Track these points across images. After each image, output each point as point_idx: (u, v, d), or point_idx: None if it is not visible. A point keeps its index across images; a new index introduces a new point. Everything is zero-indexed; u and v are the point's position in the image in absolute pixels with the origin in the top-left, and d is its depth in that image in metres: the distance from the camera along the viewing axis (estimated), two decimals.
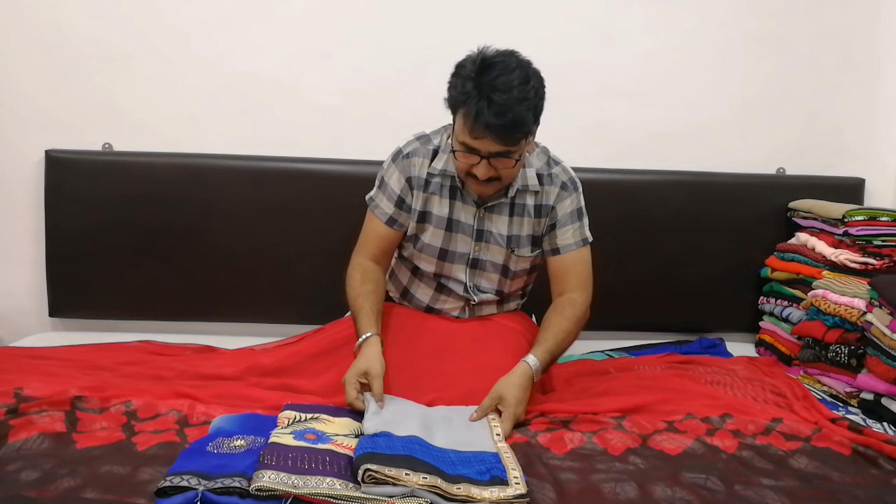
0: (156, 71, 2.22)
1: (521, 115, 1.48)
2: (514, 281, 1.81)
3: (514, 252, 1.76)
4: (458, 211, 1.73)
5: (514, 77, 1.49)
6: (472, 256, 1.76)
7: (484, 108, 1.47)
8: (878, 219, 2.01)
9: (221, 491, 1.16)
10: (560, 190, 1.74)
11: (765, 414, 1.60)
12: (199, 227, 2.20)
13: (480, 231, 1.74)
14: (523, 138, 1.54)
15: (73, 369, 1.71)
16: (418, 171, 1.72)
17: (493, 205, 1.73)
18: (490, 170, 1.56)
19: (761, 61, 2.35)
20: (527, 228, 1.75)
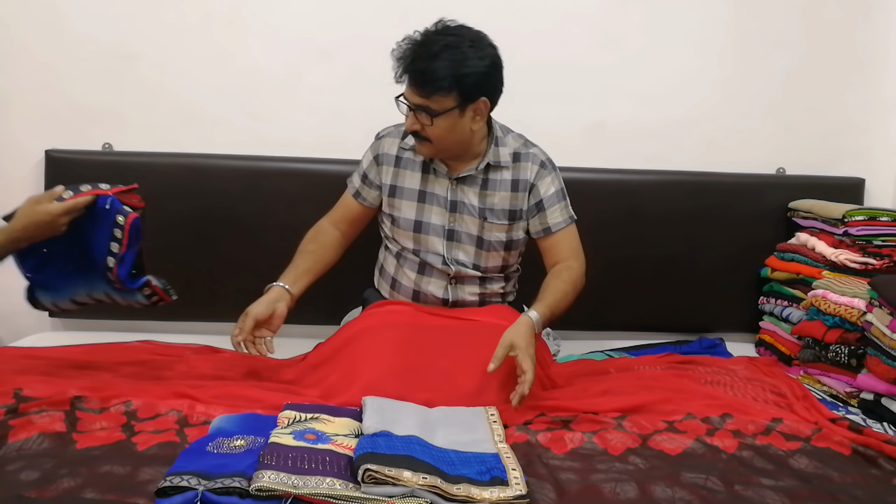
0: (156, 71, 2.22)
1: (437, 68, 1.61)
2: (491, 254, 1.86)
3: (487, 220, 1.82)
4: (430, 184, 1.83)
5: (447, 40, 1.64)
6: (447, 227, 1.83)
7: (409, 56, 1.64)
8: (878, 219, 2.01)
9: (221, 491, 1.16)
10: (539, 168, 1.83)
11: (765, 414, 1.60)
12: (199, 226, 2.20)
13: (454, 202, 1.82)
14: (437, 94, 1.63)
15: (73, 369, 1.71)
16: (387, 149, 1.86)
17: (465, 177, 1.81)
18: (415, 123, 1.69)
19: (761, 61, 2.35)
20: (500, 201, 1.82)
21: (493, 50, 1.70)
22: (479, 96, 1.68)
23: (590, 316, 2.32)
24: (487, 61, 1.67)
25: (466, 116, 1.70)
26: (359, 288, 2.07)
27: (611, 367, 1.97)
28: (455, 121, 1.69)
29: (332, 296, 2.17)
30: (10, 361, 1.72)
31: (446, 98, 1.64)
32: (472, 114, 1.70)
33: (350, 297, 2.10)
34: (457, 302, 1.89)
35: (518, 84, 2.27)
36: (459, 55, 1.63)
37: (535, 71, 2.28)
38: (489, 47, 1.69)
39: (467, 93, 1.66)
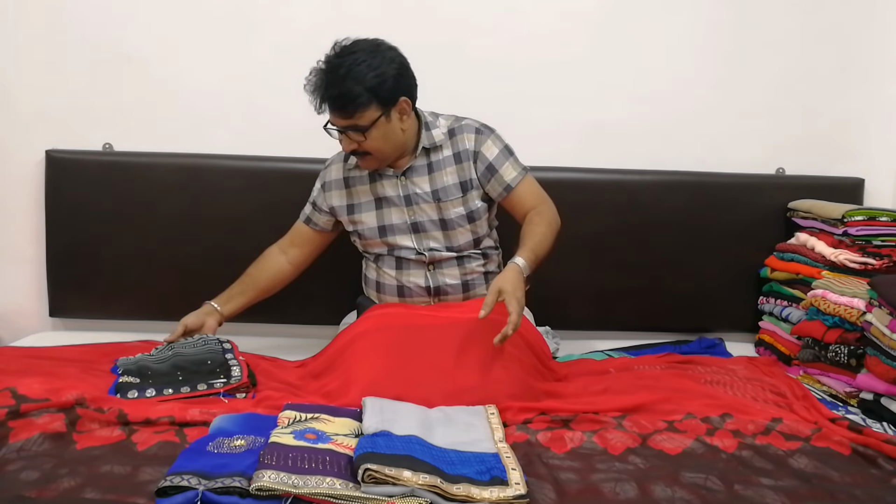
0: (156, 71, 2.22)
1: (350, 88, 1.69)
2: (457, 231, 1.90)
3: (441, 200, 1.88)
4: (382, 188, 1.89)
5: (346, 61, 1.71)
6: (409, 222, 1.89)
7: (320, 87, 1.72)
8: (877, 219, 2.01)
9: (222, 491, 1.16)
10: (476, 135, 1.89)
11: (765, 414, 1.60)
12: (199, 227, 2.20)
13: (407, 196, 1.88)
14: (358, 110, 1.71)
15: (73, 369, 1.71)
16: (333, 175, 1.95)
17: (408, 168, 1.88)
18: (351, 143, 1.77)
19: (761, 61, 2.35)
20: (450, 177, 1.88)
21: (394, 52, 1.77)
22: (398, 97, 1.76)
23: (590, 316, 2.33)
24: (394, 65, 1.74)
25: (394, 120, 1.78)
26: (358, 288, 2.07)
27: (611, 367, 1.97)
28: (385, 128, 1.76)
29: (332, 297, 2.18)
30: (11, 361, 1.72)
31: (368, 111, 1.72)
32: (398, 115, 1.78)
33: (349, 297, 2.11)
34: (439, 287, 1.91)
35: (518, 84, 2.29)
36: (365, 69, 1.70)
37: (535, 71, 2.29)
38: (389, 51, 1.76)
39: (385, 99, 1.73)
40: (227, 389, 1.62)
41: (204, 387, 1.62)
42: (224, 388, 1.62)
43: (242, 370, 1.69)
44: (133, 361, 1.72)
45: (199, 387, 1.62)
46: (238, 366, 1.71)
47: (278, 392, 1.65)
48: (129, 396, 1.56)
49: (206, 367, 1.69)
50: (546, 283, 1.95)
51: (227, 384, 1.64)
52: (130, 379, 1.62)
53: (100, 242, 2.19)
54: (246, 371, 1.69)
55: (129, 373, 1.65)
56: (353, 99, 1.70)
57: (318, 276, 2.22)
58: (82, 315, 2.27)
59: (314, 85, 1.73)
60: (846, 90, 2.38)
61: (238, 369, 1.70)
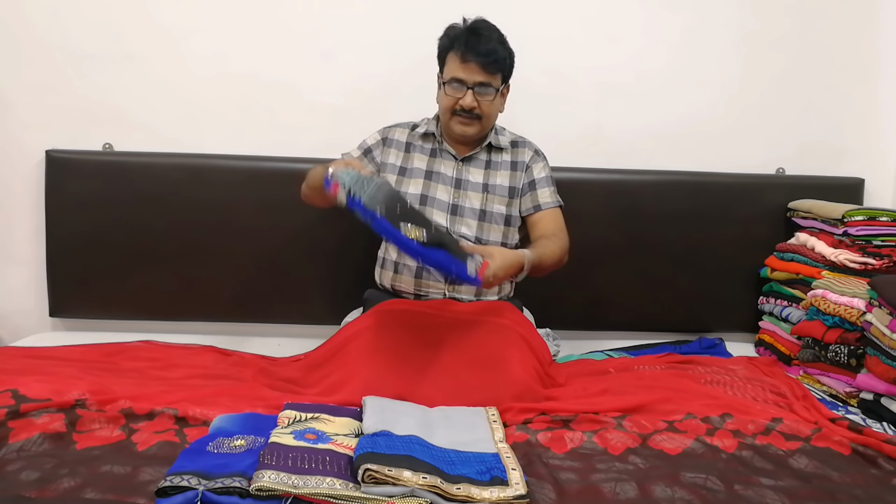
0: (156, 71, 2.22)
1: (500, 49, 1.84)
2: (492, 226, 1.94)
3: (489, 193, 1.95)
4: (437, 165, 1.97)
5: (494, 28, 1.87)
6: (451, 203, 1.93)
7: (473, 39, 1.83)
8: (877, 219, 2.01)
9: (222, 491, 1.16)
10: (534, 153, 2.02)
11: (765, 414, 1.60)
12: (200, 227, 2.20)
13: (459, 180, 1.95)
14: (498, 72, 1.85)
15: (73, 369, 1.70)
16: (397, 136, 2.01)
17: (470, 157, 1.96)
18: (474, 100, 1.85)
19: (761, 61, 2.35)
20: (501, 179, 1.97)
21: None
22: (508, 81, 1.92)
23: (590, 316, 2.33)
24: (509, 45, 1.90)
25: (500, 98, 1.92)
26: (359, 288, 2.07)
27: (611, 367, 1.97)
28: (498, 100, 1.90)
29: (332, 296, 2.18)
30: (11, 361, 1.72)
31: (498, 77, 1.87)
32: (501, 97, 1.93)
33: (350, 297, 2.11)
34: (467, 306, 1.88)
35: (518, 84, 2.28)
36: (505, 41, 1.88)
37: (536, 71, 2.28)
38: None
39: (506, 76, 1.90)
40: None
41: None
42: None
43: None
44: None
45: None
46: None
47: (278, 391, 1.65)
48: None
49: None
50: (546, 284, 1.95)
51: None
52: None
53: (100, 243, 2.19)
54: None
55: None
56: (501, 59, 1.85)
57: (319, 275, 2.23)
58: (82, 315, 2.27)
59: (463, 37, 1.83)
60: (846, 90, 2.38)
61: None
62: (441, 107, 1.93)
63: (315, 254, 2.22)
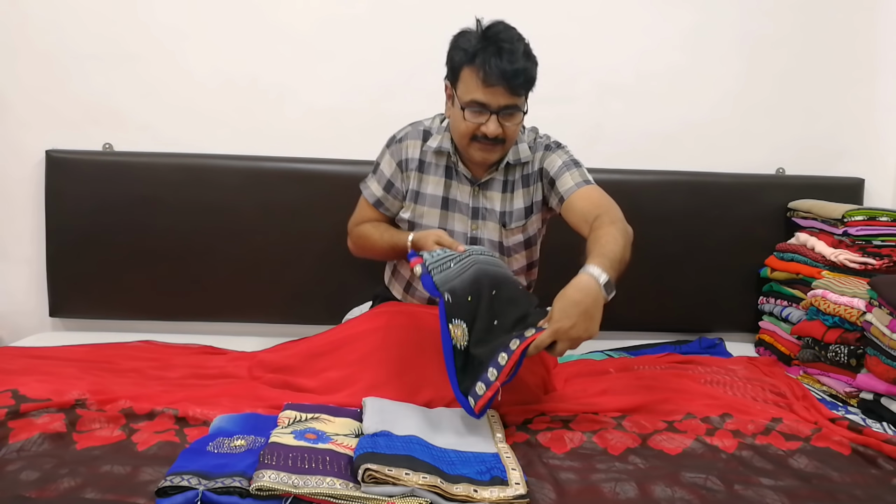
0: (156, 71, 2.22)
1: (529, 66, 1.59)
2: (512, 258, 1.85)
3: (506, 227, 1.81)
4: (453, 190, 1.79)
5: (515, 34, 1.62)
6: (469, 235, 1.80)
7: (496, 57, 1.56)
8: (877, 219, 2.01)
9: (222, 491, 1.16)
10: (544, 151, 1.80)
11: (765, 414, 1.60)
12: (200, 227, 2.20)
13: (476, 209, 1.80)
14: (528, 91, 1.64)
15: (73, 369, 1.70)
16: (410, 153, 1.80)
17: (487, 180, 1.79)
18: (499, 127, 1.62)
19: (761, 61, 2.35)
20: (519, 201, 1.81)
21: None
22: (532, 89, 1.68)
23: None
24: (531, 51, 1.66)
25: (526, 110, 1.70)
26: (360, 287, 2.07)
27: (610, 367, 1.97)
28: (522, 118, 1.69)
29: (333, 296, 2.18)
30: (11, 361, 1.72)
31: (524, 97, 1.65)
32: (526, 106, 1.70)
33: (351, 297, 2.11)
34: None
35: None
36: (531, 50, 1.63)
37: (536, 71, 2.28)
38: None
39: (533, 87, 1.67)
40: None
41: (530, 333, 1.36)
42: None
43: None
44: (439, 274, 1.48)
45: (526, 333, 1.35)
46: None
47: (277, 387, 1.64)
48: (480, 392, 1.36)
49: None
50: (546, 284, 1.95)
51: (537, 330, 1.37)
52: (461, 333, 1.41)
53: (100, 242, 2.19)
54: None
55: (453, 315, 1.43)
56: (531, 79, 1.61)
57: (319, 275, 2.23)
58: (82, 315, 2.27)
59: (484, 57, 1.56)
60: (846, 90, 2.38)
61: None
62: (457, 131, 1.68)
63: (315, 254, 2.22)
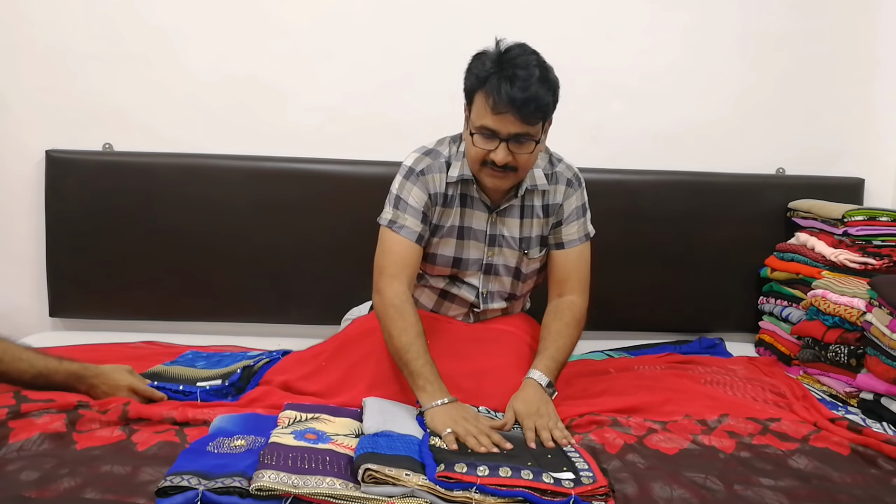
0: (156, 71, 2.22)
1: (542, 93, 1.50)
2: (525, 283, 1.83)
3: (527, 255, 1.76)
4: (469, 218, 1.73)
5: (533, 59, 1.52)
6: (485, 262, 1.76)
7: (506, 83, 1.48)
8: (877, 219, 2.01)
9: (222, 491, 1.16)
10: (566, 187, 1.75)
11: (764, 414, 1.60)
12: (199, 227, 2.20)
13: (493, 236, 1.74)
14: (541, 121, 1.55)
15: None
16: (438, 187, 1.69)
17: (505, 208, 1.73)
18: (508, 155, 1.55)
19: (761, 61, 2.35)
20: (536, 229, 1.76)
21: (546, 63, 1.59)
22: (551, 116, 1.61)
23: (590, 316, 2.31)
24: (553, 75, 1.58)
25: (542, 139, 1.61)
26: (360, 287, 2.06)
27: (610, 367, 1.97)
28: (540, 145, 1.61)
29: (332, 296, 2.18)
30: None
31: (538, 125, 1.55)
32: (544, 136, 1.62)
33: (350, 296, 2.11)
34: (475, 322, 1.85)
35: None
36: (553, 77, 1.55)
37: None
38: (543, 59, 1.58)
39: (552, 113, 1.59)
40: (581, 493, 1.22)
41: (550, 480, 1.24)
42: (576, 491, 1.22)
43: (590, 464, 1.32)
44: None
45: (543, 478, 1.24)
46: (579, 455, 1.36)
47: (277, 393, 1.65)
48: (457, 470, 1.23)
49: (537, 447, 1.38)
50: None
51: (577, 484, 1.24)
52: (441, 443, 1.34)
53: (99, 242, 2.19)
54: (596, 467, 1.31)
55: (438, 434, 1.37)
56: (545, 106, 1.52)
57: (319, 275, 2.22)
58: (82, 315, 2.27)
59: (497, 79, 1.49)
60: (846, 90, 2.38)
61: (583, 462, 1.33)
62: (469, 156, 1.62)
63: (315, 254, 2.21)
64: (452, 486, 1.19)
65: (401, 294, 1.61)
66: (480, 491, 1.19)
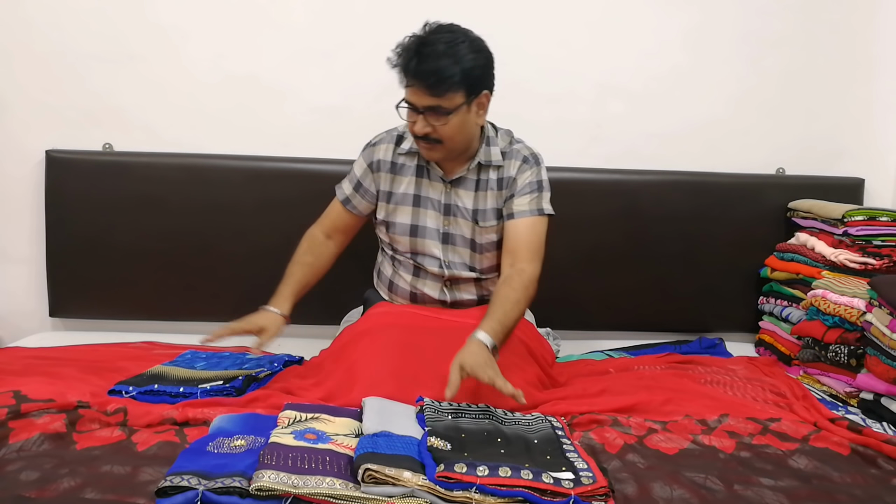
0: (156, 71, 2.22)
1: (444, 66, 1.62)
2: (484, 256, 1.87)
3: (479, 224, 1.84)
4: (425, 188, 1.85)
5: (446, 36, 1.65)
6: (442, 231, 1.85)
7: (414, 59, 1.63)
8: (877, 219, 2.01)
9: (222, 491, 1.16)
10: (521, 163, 1.83)
11: (764, 414, 1.60)
12: (200, 227, 2.20)
13: (448, 205, 1.84)
14: (449, 91, 1.64)
15: (73, 369, 1.70)
16: (382, 155, 1.86)
17: (459, 178, 1.83)
18: (427, 126, 1.68)
19: (761, 61, 2.35)
20: (491, 202, 1.84)
21: (486, 44, 1.73)
22: (482, 90, 1.71)
23: (590, 316, 2.33)
24: (485, 54, 1.71)
25: (472, 111, 1.72)
26: (358, 288, 2.07)
27: (611, 367, 1.97)
28: (464, 117, 1.70)
29: (332, 296, 2.18)
30: (11, 361, 1.72)
31: (456, 94, 1.66)
32: (476, 108, 1.73)
33: (350, 296, 2.11)
34: (455, 302, 1.90)
35: (518, 84, 2.29)
36: (463, 50, 1.64)
37: (535, 71, 2.28)
38: (482, 40, 1.72)
39: (473, 86, 1.68)
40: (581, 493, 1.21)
41: (549, 480, 1.22)
42: (576, 491, 1.21)
43: (589, 464, 1.31)
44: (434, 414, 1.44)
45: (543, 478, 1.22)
46: (578, 455, 1.35)
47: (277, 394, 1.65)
48: (457, 470, 1.22)
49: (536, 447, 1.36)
50: (547, 284, 1.95)
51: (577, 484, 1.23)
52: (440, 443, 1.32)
53: (100, 242, 2.19)
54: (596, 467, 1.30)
55: (437, 434, 1.34)
56: (448, 77, 1.62)
57: None
58: (82, 315, 2.27)
59: (404, 58, 1.64)
60: (846, 90, 2.38)
61: (582, 462, 1.32)
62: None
63: None
64: (452, 486, 1.19)
65: (313, 234, 1.93)
66: (480, 491, 1.19)
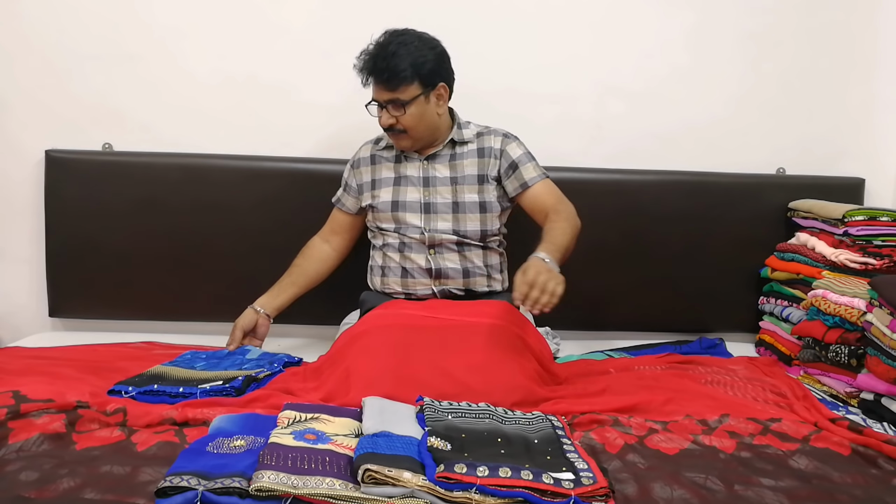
0: (155, 71, 2.22)
1: (395, 63, 1.83)
2: (468, 217, 1.97)
3: (458, 184, 1.98)
4: (404, 168, 2.01)
5: (397, 38, 1.86)
6: (423, 202, 1.97)
7: (370, 60, 1.86)
8: (878, 219, 2.01)
9: (221, 491, 1.16)
10: (503, 137, 2.01)
11: (764, 414, 1.60)
12: (199, 227, 2.20)
13: (426, 178, 1.99)
14: (402, 84, 1.84)
15: (73, 369, 1.70)
16: (363, 154, 2.07)
17: (433, 154, 1.99)
18: (390, 118, 1.89)
19: (761, 61, 2.35)
20: (469, 168, 1.99)
21: (439, 42, 1.92)
22: (438, 82, 1.90)
23: (590, 316, 2.33)
24: (437, 50, 1.90)
25: (431, 102, 1.90)
26: (357, 288, 2.07)
27: (611, 367, 1.97)
28: (423, 107, 1.89)
29: (332, 297, 2.18)
30: (11, 361, 1.72)
31: (410, 87, 1.85)
32: (435, 99, 1.91)
33: (349, 297, 2.11)
34: (440, 270, 1.95)
35: (518, 84, 2.30)
36: (413, 49, 1.85)
37: (535, 71, 2.29)
38: (434, 40, 1.91)
39: (426, 79, 1.87)
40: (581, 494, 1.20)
41: (550, 480, 1.21)
42: (576, 492, 1.20)
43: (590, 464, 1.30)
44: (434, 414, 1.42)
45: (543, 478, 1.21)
46: (578, 455, 1.34)
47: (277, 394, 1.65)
48: (457, 470, 1.21)
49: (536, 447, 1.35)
50: None
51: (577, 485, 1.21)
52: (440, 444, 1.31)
53: (99, 242, 2.19)
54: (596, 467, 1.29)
55: (437, 434, 1.33)
56: (398, 73, 1.83)
57: None
58: (82, 315, 2.27)
59: (363, 61, 1.87)
60: (846, 90, 2.38)
61: (583, 462, 1.31)
62: None
63: None
64: (452, 487, 1.19)
65: (310, 240, 2.12)
66: (480, 491, 1.19)
